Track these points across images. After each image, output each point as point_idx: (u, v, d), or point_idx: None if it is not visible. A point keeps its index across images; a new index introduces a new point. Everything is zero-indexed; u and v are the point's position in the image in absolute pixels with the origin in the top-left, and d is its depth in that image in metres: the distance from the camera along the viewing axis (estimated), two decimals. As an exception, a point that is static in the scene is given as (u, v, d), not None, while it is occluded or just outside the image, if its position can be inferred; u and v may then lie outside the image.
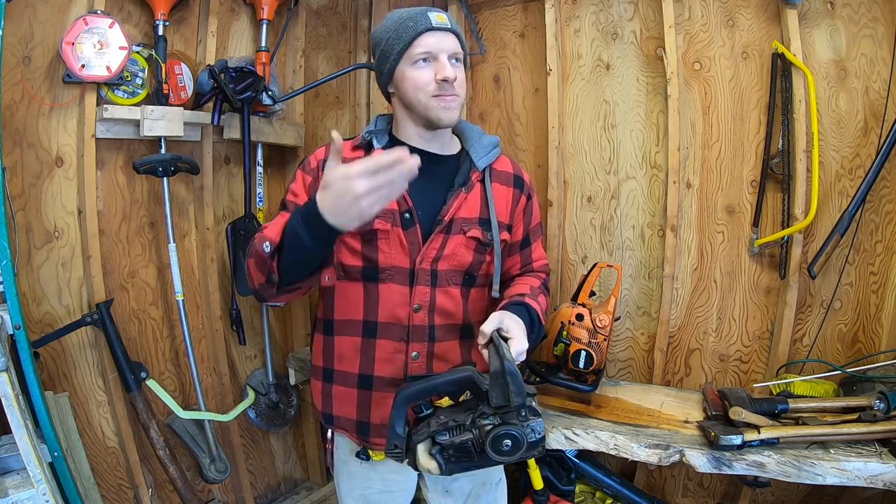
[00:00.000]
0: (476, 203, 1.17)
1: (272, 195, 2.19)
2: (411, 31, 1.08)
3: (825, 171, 1.61)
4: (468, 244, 1.15)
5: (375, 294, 1.13)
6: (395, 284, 1.13)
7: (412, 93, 1.10)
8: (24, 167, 1.53)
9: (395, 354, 1.14)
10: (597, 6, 1.92)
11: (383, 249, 1.12)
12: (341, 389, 1.19)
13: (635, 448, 1.39)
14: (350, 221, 0.86)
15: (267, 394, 2.11)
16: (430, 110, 1.10)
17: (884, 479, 1.20)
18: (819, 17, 1.60)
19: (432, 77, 1.08)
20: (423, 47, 1.07)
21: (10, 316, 1.22)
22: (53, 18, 1.55)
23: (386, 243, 1.12)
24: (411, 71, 1.09)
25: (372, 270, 1.13)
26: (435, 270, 1.13)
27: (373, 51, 1.18)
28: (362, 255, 1.13)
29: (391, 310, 1.13)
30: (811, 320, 1.67)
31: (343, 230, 0.88)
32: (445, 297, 1.16)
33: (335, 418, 1.21)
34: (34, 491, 1.14)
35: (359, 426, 1.18)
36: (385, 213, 1.10)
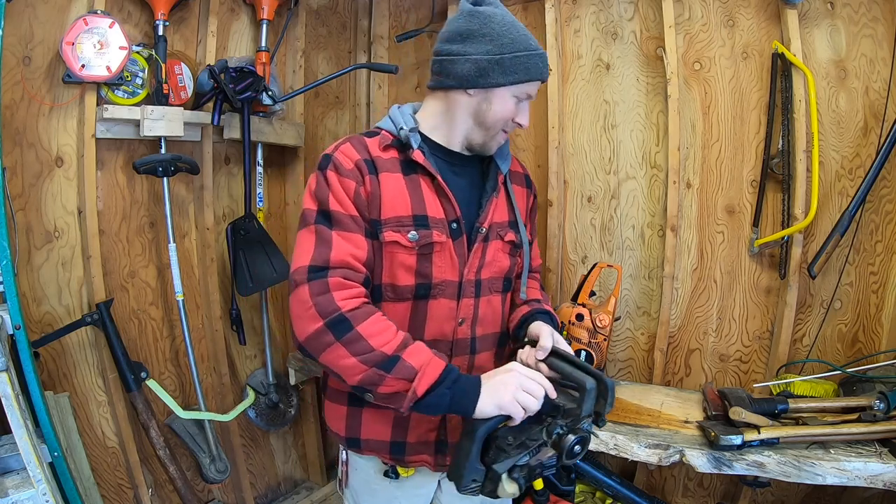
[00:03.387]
0: (504, 206, 1.15)
1: (272, 195, 2.20)
2: (535, 72, 1.04)
3: (825, 171, 1.61)
4: (505, 248, 1.13)
5: (424, 312, 1.05)
6: (445, 299, 1.06)
7: (493, 116, 1.05)
8: (24, 167, 1.53)
9: None
10: (597, 6, 1.92)
11: (437, 263, 1.04)
12: (374, 412, 1.07)
13: (635, 448, 1.39)
14: (498, 407, 0.90)
15: (267, 394, 2.11)
16: (490, 139, 1.09)
17: (884, 479, 1.20)
18: (819, 17, 1.60)
19: (515, 116, 1.07)
20: (529, 91, 1.06)
21: (10, 316, 1.22)
22: (53, 18, 1.55)
23: (440, 256, 1.04)
24: (510, 101, 1.05)
25: (425, 287, 1.04)
26: (479, 280, 1.09)
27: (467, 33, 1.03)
28: (416, 273, 1.03)
29: (438, 326, 1.06)
30: (811, 320, 1.67)
31: (478, 412, 0.90)
32: (487, 307, 1.12)
33: (363, 442, 1.10)
34: (34, 491, 1.14)
35: (393, 447, 1.09)
36: (438, 223, 1.04)
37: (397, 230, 1.00)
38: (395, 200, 1.01)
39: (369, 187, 1.00)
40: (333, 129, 2.43)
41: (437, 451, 1.10)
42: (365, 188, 1.00)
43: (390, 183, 1.02)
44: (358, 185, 1.00)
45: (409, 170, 1.05)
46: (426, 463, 1.11)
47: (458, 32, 1.04)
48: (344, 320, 0.90)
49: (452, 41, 1.05)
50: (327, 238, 0.96)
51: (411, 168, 1.05)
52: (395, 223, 1.00)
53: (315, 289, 0.92)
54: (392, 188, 1.02)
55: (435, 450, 1.10)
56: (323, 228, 0.97)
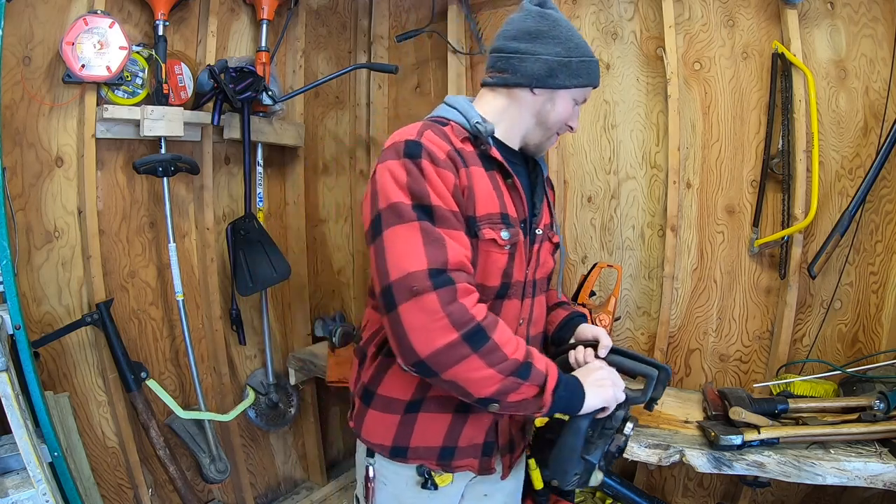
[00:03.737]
0: (547, 210, 1.16)
1: (272, 195, 2.20)
2: (594, 78, 1.06)
3: (825, 171, 1.61)
4: (550, 249, 1.14)
5: (497, 313, 1.00)
6: (515, 300, 1.04)
7: (555, 117, 1.05)
8: (24, 167, 1.53)
9: None
10: (597, 6, 1.92)
11: (518, 263, 1.02)
12: (431, 417, 1.02)
13: (635, 448, 1.39)
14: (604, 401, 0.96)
15: (267, 394, 2.11)
16: (546, 141, 1.10)
17: (884, 479, 1.20)
18: (819, 17, 1.60)
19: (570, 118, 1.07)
20: (586, 96, 1.08)
21: (10, 316, 1.22)
22: (53, 18, 1.55)
23: (519, 256, 1.02)
24: (570, 104, 1.06)
25: (505, 287, 1.01)
26: (534, 281, 1.09)
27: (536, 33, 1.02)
28: (503, 272, 0.99)
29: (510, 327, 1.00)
30: (811, 320, 1.67)
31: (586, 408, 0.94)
32: (538, 307, 1.13)
33: (410, 450, 1.03)
34: (34, 491, 1.14)
35: (442, 452, 1.04)
36: (516, 222, 1.01)
37: (493, 227, 0.96)
38: (487, 196, 0.96)
39: (465, 180, 0.94)
40: (333, 129, 2.43)
41: (484, 454, 1.08)
42: (460, 181, 0.93)
43: (479, 177, 0.97)
44: (455, 178, 0.92)
45: (489, 165, 1.00)
46: (471, 467, 1.07)
47: (527, 31, 1.03)
48: (481, 330, 0.84)
49: (521, 39, 1.03)
50: (437, 236, 0.86)
51: (489, 164, 1.01)
52: (488, 220, 0.96)
53: (445, 297, 0.82)
54: (482, 183, 0.96)
55: (482, 452, 1.07)
56: (428, 225, 0.87)
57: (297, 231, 2.25)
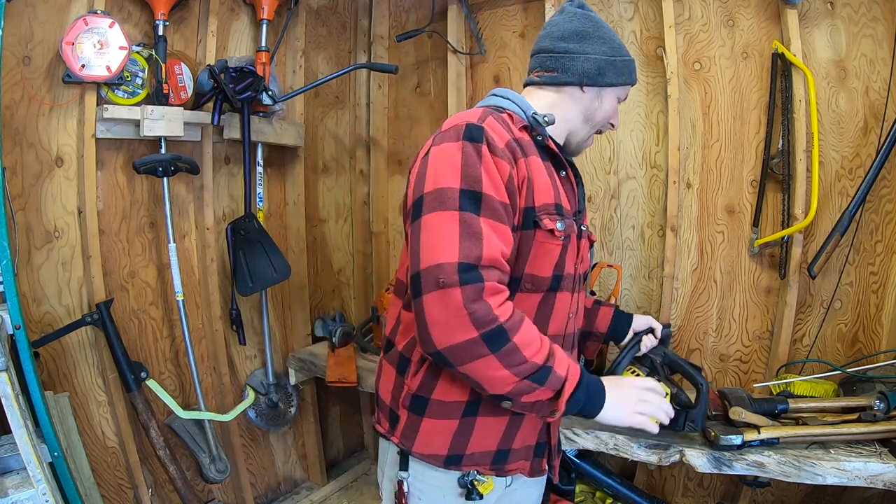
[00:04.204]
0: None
1: (272, 195, 2.20)
2: (634, 76, 1.12)
3: (825, 171, 1.61)
4: (588, 246, 1.16)
5: (551, 305, 1.00)
6: (567, 292, 1.03)
7: (601, 114, 1.10)
8: (24, 167, 1.53)
9: None
10: (597, 6, 1.92)
11: (570, 253, 1.02)
12: (489, 420, 0.98)
13: (635, 448, 1.39)
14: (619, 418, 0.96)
15: (267, 394, 2.11)
16: (588, 138, 1.13)
17: (884, 479, 1.20)
18: (819, 16, 1.60)
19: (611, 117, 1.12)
20: (626, 94, 1.14)
21: (10, 316, 1.22)
22: (53, 18, 1.55)
23: (572, 247, 1.02)
24: (614, 102, 1.12)
25: (558, 279, 1.00)
26: (580, 275, 1.09)
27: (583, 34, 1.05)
28: (556, 264, 0.98)
29: (560, 320, 1.03)
30: (811, 320, 1.67)
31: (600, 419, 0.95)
32: (583, 302, 1.16)
33: (466, 457, 0.99)
34: (34, 491, 1.14)
35: (497, 456, 1.01)
36: (569, 214, 1.01)
37: (549, 217, 0.94)
38: (545, 187, 0.95)
39: (523, 171, 0.92)
40: (333, 129, 2.43)
41: (536, 455, 1.07)
42: (518, 173, 0.91)
43: (538, 167, 0.96)
44: (511, 168, 0.90)
45: (544, 156, 1.01)
46: (523, 470, 1.06)
47: (574, 32, 1.06)
48: (502, 332, 0.82)
49: (569, 40, 1.06)
50: (476, 229, 0.83)
51: (545, 154, 1.01)
52: (546, 211, 0.94)
53: (470, 294, 0.80)
54: (541, 173, 0.96)
55: (534, 453, 1.07)
56: (470, 216, 0.84)
57: (297, 231, 2.25)
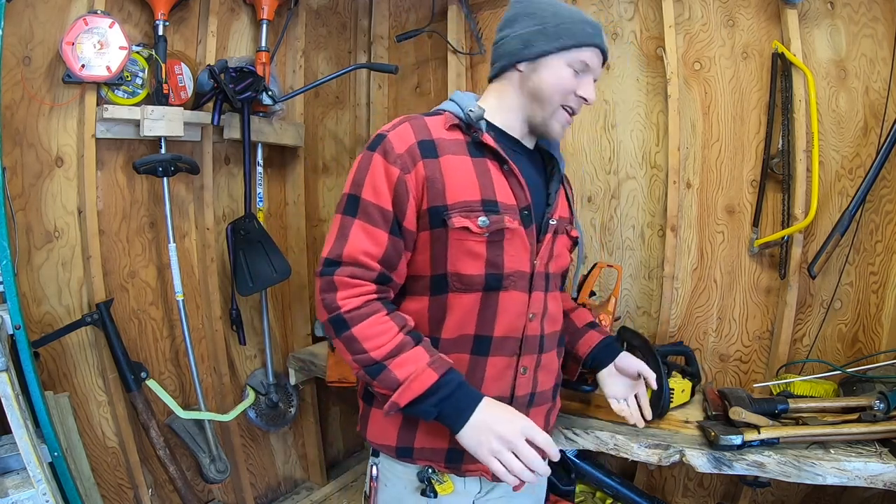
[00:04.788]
0: (565, 202, 1.16)
1: (272, 195, 2.20)
2: (588, 37, 1.02)
3: (825, 171, 1.61)
4: (567, 244, 1.14)
5: (494, 305, 0.98)
6: (517, 292, 1.00)
7: (550, 88, 1.02)
8: (24, 167, 1.53)
9: (505, 371, 1.01)
10: (597, 6, 1.92)
11: (509, 252, 0.98)
12: None
13: (635, 448, 1.39)
14: (475, 447, 0.89)
15: (267, 394, 2.11)
16: (552, 118, 1.05)
17: (884, 479, 1.20)
18: (819, 16, 1.60)
19: (575, 88, 1.03)
20: (586, 59, 1.02)
21: (10, 316, 1.22)
22: (53, 18, 1.55)
23: (511, 245, 0.99)
24: (564, 69, 1.01)
25: (496, 278, 0.98)
26: (548, 274, 1.06)
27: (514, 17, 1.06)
28: (486, 262, 0.97)
29: (509, 321, 1.00)
30: (811, 320, 1.67)
31: (459, 438, 0.91)
32: (554, 303, 1.09)
33: (416, 451, 1.02)
34: (34, 491, 1.14)
35: (449, 454, 1.01)
36: (507, 209, 0.98)
37: (465, 215, 0.95)
38: (462, 184, 0.96)
39: (425, 172, 0.95)
40: (333, 129, 2.43)
41: None
42: (417, 174, 0.94)
43: (455, 165, 0.97)
44: (404, 173, 0.94)
45: (477, 152, 1.00)
46: (484, 472, 1.03)
47: (506, 18, 1.07)
48: (342, 322, 0.91)
49: (502, 28, 1.08)
50: (346, 230, 0.94)
51: (479, 151, 1.00)
52: (463, 208, 0.95)
53: (323, 285, 0.93)
54: (458, 171, 0.97)
55: None
56: (346, 218, 0.95)
57: (297, 231, 2.25)
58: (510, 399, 1.02)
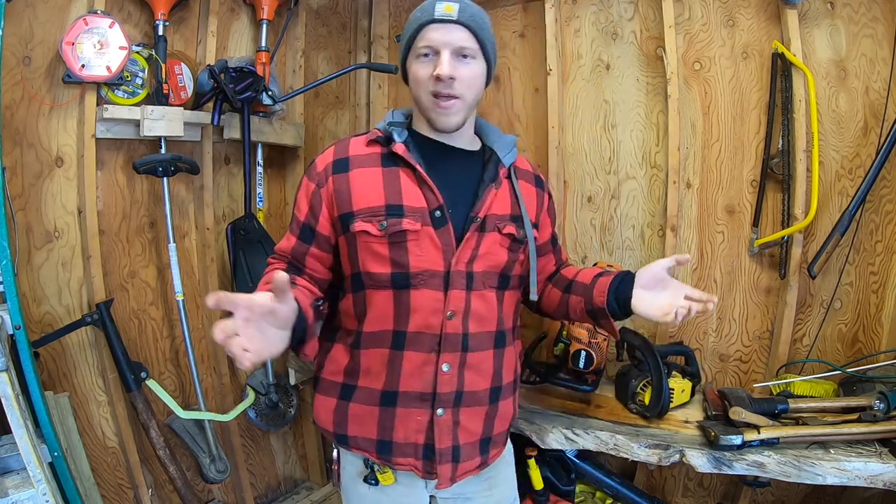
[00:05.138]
0: (506, 200, 1.13)
1: (272, 195, 2.20)
2: (416, 23, 1.04)
3: (825, 171, 1.61)
4: (503, 242, 1.10)
5: (406, 302, 1.04)
6: (429, 290, 1.03)
7: (414, 88, 1.07)
8: (24, 167, 1.53)
9: (424, 367, 1.05)
10: (597, 6, 1.92)
11: (414, 252, 1.03)
12: (361, 408, 1.09)
13: (635, 448, 1.39)
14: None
15: (267, 394, 2.11)
16: (428, 110, 1.07)
17: (884, 479, 1.20)
18: (819, 16, 1.60)
19: (431, 73, 1.02)
20: (425, 41, 1.03)
21: (10, 316, 1.23)
22: (53, 18, 1.55)
23: (416, 245, 1.03)
24: (415, 64, 1.06)
25: (402, 276, 1.03)
26: (470, 272, 1.05)
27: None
28: (391, 261, 1.03)
29: (423, 318, 1.04)
30: (811, 320, 1.67)
31: None
32: (481, 302, 1.07)
33: (350, 438, 1.10)
34: (34, 491, 1.14)
35: (380, 446, 1.08)
36: (412, 212, 1.03)
37: (368, 220, 1.04)
38: (367, 192, 1.05)
39: (334, 185, 1.07)
40: (333, 129, 2.43)
41: (425, 457, 1.08)
42: (328, 189, 1.08)
43: (362, 178, 1.06)
44: (319, 187, 1.09)
45: (390, 163, 1.08)
46: (414, 467, 1.08)
47: None
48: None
49: None
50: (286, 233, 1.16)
51: (392, 161, 1.08)
52: (367, 213, 1.04)
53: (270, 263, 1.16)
54: (364, 182, 1.06)
55: (423, 454, 1.08)
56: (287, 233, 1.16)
57: (297, 231, 2.25)
58: (433, 395, 1.06)
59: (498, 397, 1.13)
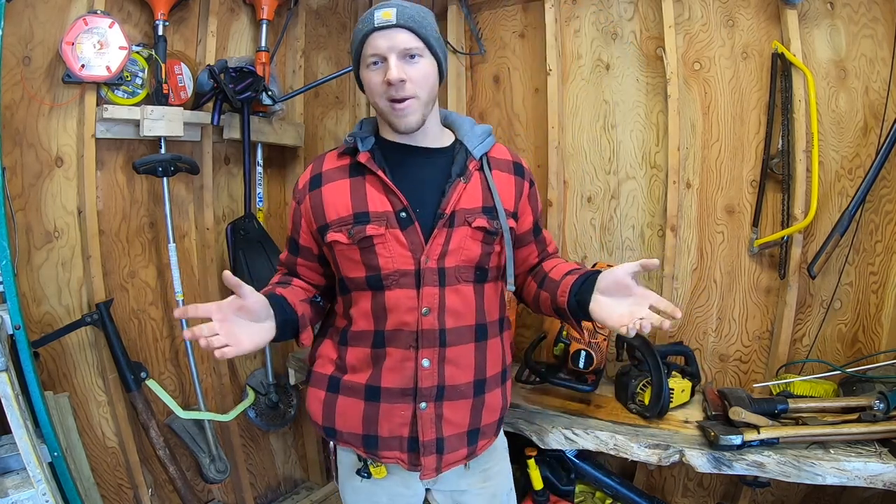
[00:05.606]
0: (477, 192, 1.11)
1: (272, 195, 2.20)
2: (360, 34, 1.06)
3: (825, 171, 1.61)
4: (475, 235, 1.09)
5: (382, 302, 1.08)
6: (401, 289, 1.07)
7: (370, 96, 1.09)
8: (24, 167, 1.53)
9: (404, 363, 1.08)
10: (597, 6, 1.92)
11: (382, 254, 1.06)
12: (347, 401, 1.13)
13: (635, 448, 1.39)
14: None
15: (267, 394, 2.11)
16: (387, 115, 1.08)
17: (884, 479, 1.20)
18: (819, 17, 1.60)
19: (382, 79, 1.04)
20: (371, 49, 1.04)
21: (10, 316, 1.23)
22: (53, 18, 1.55)
23: (384, 247, 1.06)
24: (366, 73, 1.07)
25: (376, 279, 1.08)
26: (442, 268, 1.07)
27: None
28: (364, 265, 1.08)
29: (399, 316, 1.07)
30: (811, 320, 1.67)
31: None
32: (456, 297, 1.08)
33: (338, 433, 1.15)
34: (34, 491, 1.14)
35: (366, 440, 1.12)
36: (377, 217, 1.06)
37: (339, 230, 1.09)
38: (337, 204, 1.10)
39: (310, 201, 1.13)
40: (333, 129, 2.43)
41: (410, 450, 1.10)
42: (305, 205, 1.14)
43: (333, 190, 1.11)
44: (299, 204, 1.16)
45: (356, 172, 1.11)
46: (399, 460, 1.12)
47: None
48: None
49: None
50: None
51: (358, 171, 1.11)
52: (339, 224, 1.09)
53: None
54: (334, 194, 1.11)
55: (408, 447, 1.10)
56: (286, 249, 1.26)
57: (297, 231, 2.25)
58: (414, 389, 1.09)
59: (483, 390, 1.14)
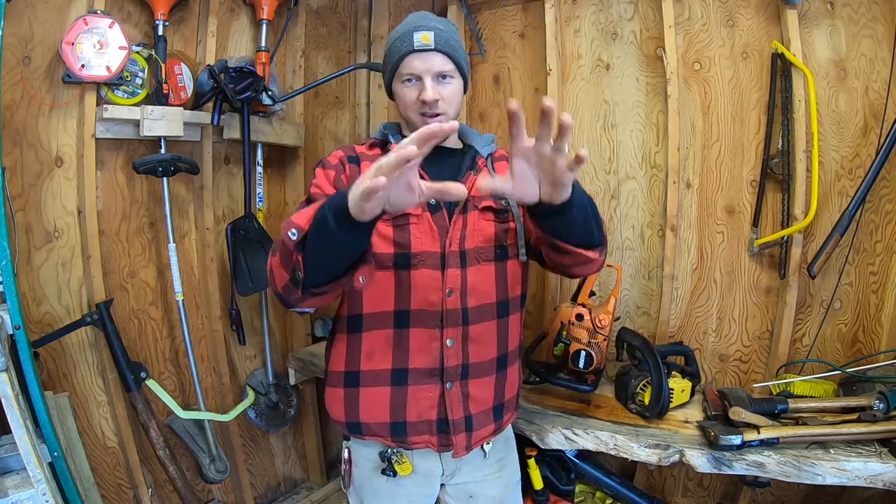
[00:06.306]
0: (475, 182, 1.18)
1: (272, 195, 2.20)
2: (398, 53, 1.14)
3: (825, 171, 1.61)
4: (486, 216, 1.16)
5: (408, 281, 1.11)
6: (427, 269, 1.11)
7: (403, 110, 1.18)
8: (24, 167, 1.53)
9: (431, 343, 1.12)
10: (597, 6, 1.92)
11: (415, 234, 1.11)
12: (371, 391, 1.14)
13: (635, 448, 1.39)
14: (372, 209, 0.81)
15: (267, 394, 2.11)
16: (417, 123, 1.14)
17: (884, 479, 1.20)
18: (819, 17, 1.60)
19: (417, 96, 1.13)
20: (408, 69, 1.13)
21: (10, 316, 1.22)
22: (53, 18, 1.55)
23: (418, 228, 1.12)
24: (401, 89, 1.16)
25: (404, 257, 1.11)
26: (463, 251, 1.13)
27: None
28: (394, 242, 1.12)
29: (424, 296, 1.11)
30: (811, 320, 1.67)
31: (361, 219, 0.83)
32: (478, 276, 1.14)
33: (363, 426, 1.16)
34: (34, 491, 1.14)
35: (393, 428, 1.14)
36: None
37: None
38: None
39: (350, 172, 1.16)
40: (333, 129, 2.43)
41: (440, 431, 1.13)
42: (346, 174, 1.15)
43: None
44: (339, 173, 1.16)
45: None
46: (430, 444, 1.14)
47: None
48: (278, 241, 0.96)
49: None
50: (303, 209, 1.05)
51: None
52: None
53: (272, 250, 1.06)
54: None
55: (437, 429, 1.13)
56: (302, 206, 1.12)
57: (297, 231, 2.25)
58: (441, 369, 1.12)
59: (506, 365, 1.20)
